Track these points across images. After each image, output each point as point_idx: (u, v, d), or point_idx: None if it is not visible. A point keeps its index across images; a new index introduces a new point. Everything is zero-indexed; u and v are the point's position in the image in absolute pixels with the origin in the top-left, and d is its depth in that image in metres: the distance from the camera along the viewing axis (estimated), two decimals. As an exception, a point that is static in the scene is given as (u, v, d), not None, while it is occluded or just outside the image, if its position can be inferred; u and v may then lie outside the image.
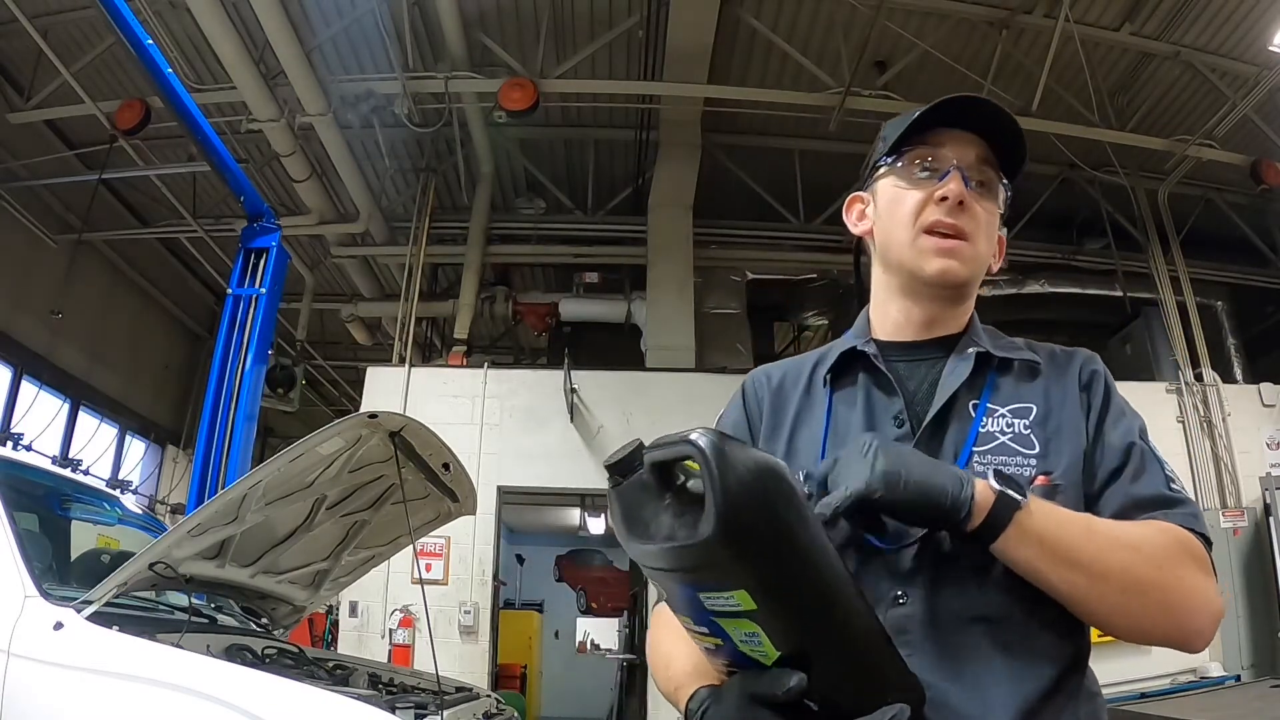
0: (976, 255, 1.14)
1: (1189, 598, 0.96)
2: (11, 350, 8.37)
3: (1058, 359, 1.16)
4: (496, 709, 3.24)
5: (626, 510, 0.85)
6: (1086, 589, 0.94)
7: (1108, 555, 0.94)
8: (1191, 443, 7.37)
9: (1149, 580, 0.94)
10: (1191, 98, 7.95)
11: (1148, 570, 0.94)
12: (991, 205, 1.16)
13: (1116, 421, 1.10)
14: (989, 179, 1.16)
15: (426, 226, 8.27)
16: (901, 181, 1.17)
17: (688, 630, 0.91)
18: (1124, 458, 1.06)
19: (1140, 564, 0.94)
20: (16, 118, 7.61)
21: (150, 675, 2.30)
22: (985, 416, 1.08)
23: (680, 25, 6.71)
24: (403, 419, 2.96)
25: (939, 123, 1.17)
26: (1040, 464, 1.04)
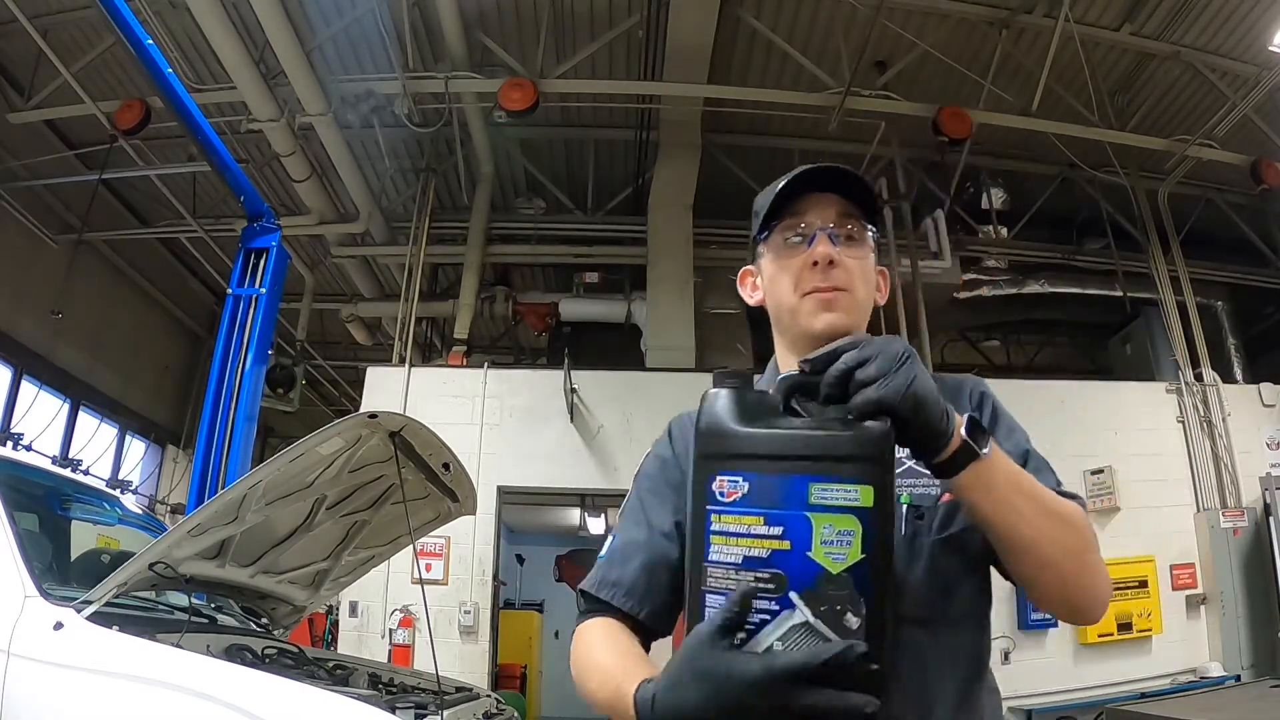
0: (856, 303, 1.26)
1: (1097, 576, 1.09)
2: (11, 350, 8.37)
3: (948, 387, 1.27)
4: (496, 709, 3.24)
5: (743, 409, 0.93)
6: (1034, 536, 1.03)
7: (1051, 510, 1.05)
8: (1191, 443, 7.37)
9: (1079, 545, 1.06)
10: (1191, 98, 7.95)
11: (1076, 536, 1.06)
12: (862, 252, 1.27)
13: (1010, 433, 1.24)
14: (853, 230, 1.26)
15: (426, 226, 8.27)
16: (778, 253, 1.29)
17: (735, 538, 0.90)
18: (1023, 460, 1.17)
19: (1073, 530, 1.06)
20: (16, 118, 7.61)
21: (150, 675, 2.30)
22: None
23: (680, 25, 6.71)
24: (403, 419, 2.96)
25: (800, 191, 1.27)
26: (943, 483, 1.10)
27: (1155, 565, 6.83)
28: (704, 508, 0.92)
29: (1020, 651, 6.55)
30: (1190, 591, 6.91)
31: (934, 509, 1.16)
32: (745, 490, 0.90)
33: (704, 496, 0.93)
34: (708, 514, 0.92)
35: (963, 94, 7.44)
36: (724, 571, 0.90)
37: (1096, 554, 1.09)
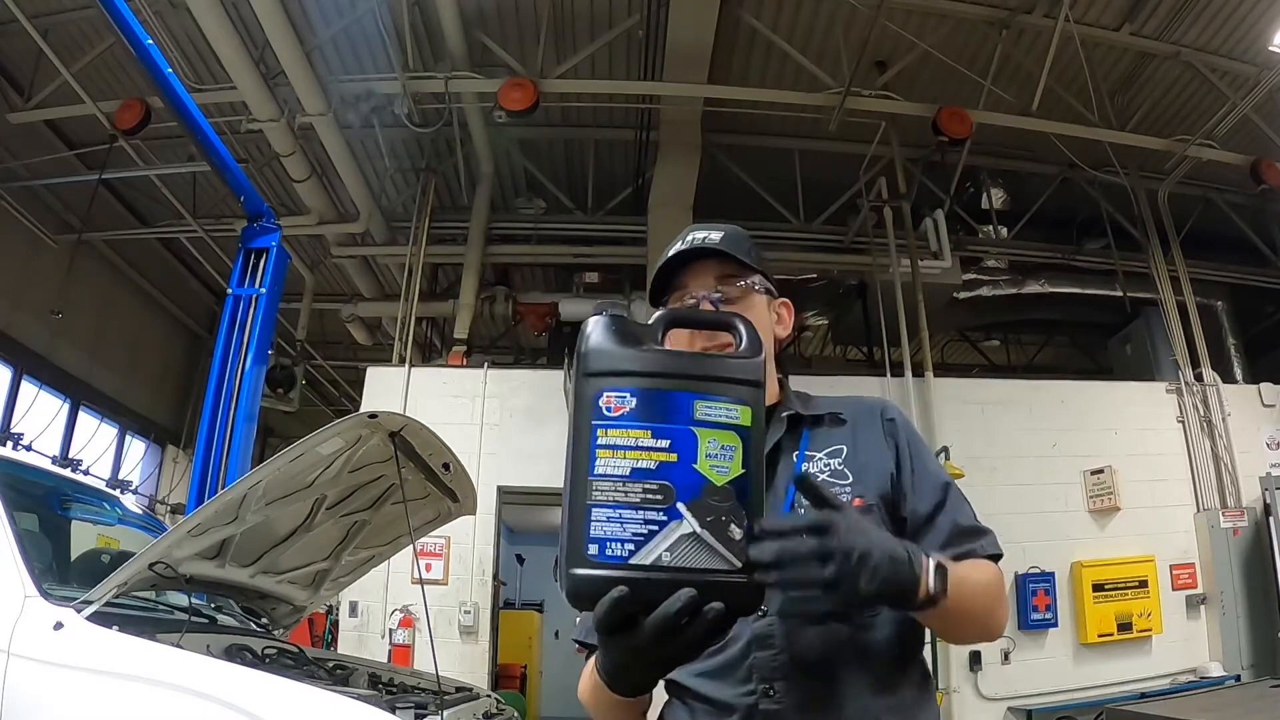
0: None
1: (1003, 618, 1.30)
2: (11, 350, 8.37)
3: (863, 408, 1.41)
4: (496, 709, 3.24)
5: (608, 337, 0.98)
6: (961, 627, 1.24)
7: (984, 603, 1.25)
8: (1191, 443, 7.37)
9: (997, 613, 1.28)
10: (1191, 98, 7.95)
11: (997, 606, 1.28)
12: (744, 305, 1.37)
13: (926, 462, 1.37)
14: (731, 289, 1.38)
15: (426, 226, 8.27)
16: None
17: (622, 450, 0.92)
18: (943, 494, 1.33)
19: (995, 603, 1.28)
20: (16, 118, 7.61)
21: (150, 675, 2.30)
22: (805, 462, 1.34)
23: (680, 25, 6.71)
24: (403, 419, 2.96)
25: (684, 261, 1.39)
26: (854, 490, 1.29)
27: (1155, 565, 6.83)
28: (590, 422, 0.93)
29: (1020, 651, 6.55)
30: (1190, 591, 6.91)
31: None
32: (632, 405, 0.93)
33: (590, 411, 0.93)
34: (594, 428, 0.93)
35: (963, 94, 7.44)
36: (611, 484, 0.91)
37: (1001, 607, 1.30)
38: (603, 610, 0.89)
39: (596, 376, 0.95)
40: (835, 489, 1.24)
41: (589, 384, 0.95)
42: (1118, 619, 6.62)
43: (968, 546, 1.28)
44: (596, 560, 0.90)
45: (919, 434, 1.42)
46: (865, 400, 1.44)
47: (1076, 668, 6.59)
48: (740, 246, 1.40)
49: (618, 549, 0.90)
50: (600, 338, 0.98)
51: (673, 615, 0.88)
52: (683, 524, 0.90)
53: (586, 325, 1.00)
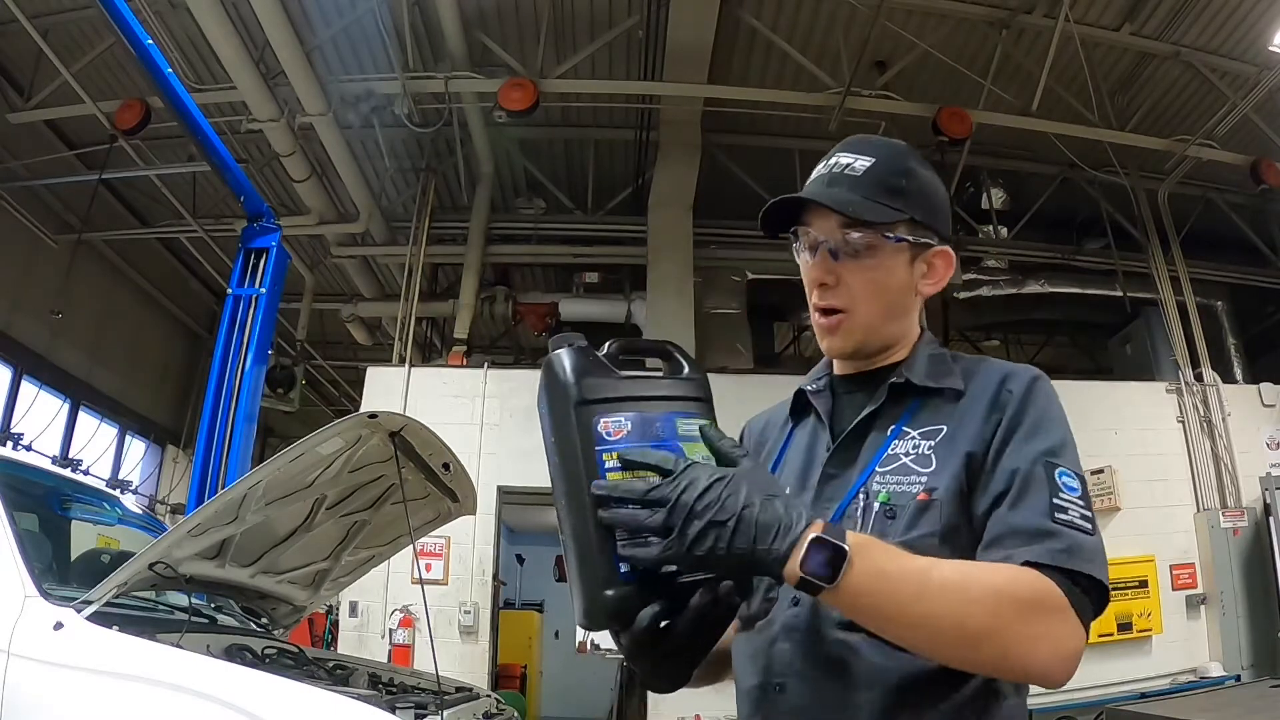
0: (857, 324, 1.19)
1: (1030, 647, 0.95)
2: (11, 350, 8.37)
3: (986, 378, 1.16)
4: (496, 709, 3.24)
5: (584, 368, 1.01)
6: (915, 642, 0.97)
7: (940, 611, 0.94)
8: (1191, 443, 7.38)
9: (984, 631, 0.94)
10: (1191, 98, 7.95)
11: (985, 622, 0.94)
12: (872, 260, 1.17)
13: (1022, 442, 1.08)
14: (860, 239, 1.16)
15: (426, 226, 8.27)
16: (799, 260, 1.25)
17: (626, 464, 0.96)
18: (1008, 482, 1.05)
19: (978, 616, 0.94)
20: (16, 118, 7.61)
21: (150, 675, 2.30)
22: (897, 439, 1.14)
23: (680, 25, 6.71)
24: (403, 419, 2.96)
25: None
26: (929, 480, 1.09)
27: (1155, 565, 6.83)
28: (593, 448, 0.96)
29: (1020, 651, 6.55)
30: (1190, 591, 6.91)
31: (906, 508, 1.08)
32: (628, 429, 0.98)
33: (592, 439, 0.97)
34: (599, 454, 0.96)
35: (963, 94, 7.44)
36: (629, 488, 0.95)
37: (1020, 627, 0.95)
38: (643, 624, 0.93)
39: (590, 405, 0.98)
40: (910, 479, 1.10)
41: (584, 412, 0.97)
42: (1118, 619, 6.62)
43: (1005, 552, 1.01)
44: (630, 579, 0.93)
45: (1042, 406, 1.12)
46: (998, 367, 1.17)
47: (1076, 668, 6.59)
48: (884, 184, 1.16)
49: None
50: (581, 369, 1.01)
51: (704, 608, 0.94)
52: None
53: (561, 358, 1.02)
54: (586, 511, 0.94)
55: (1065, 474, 1.06)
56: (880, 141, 1.24)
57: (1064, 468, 1.06)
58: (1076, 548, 1.00)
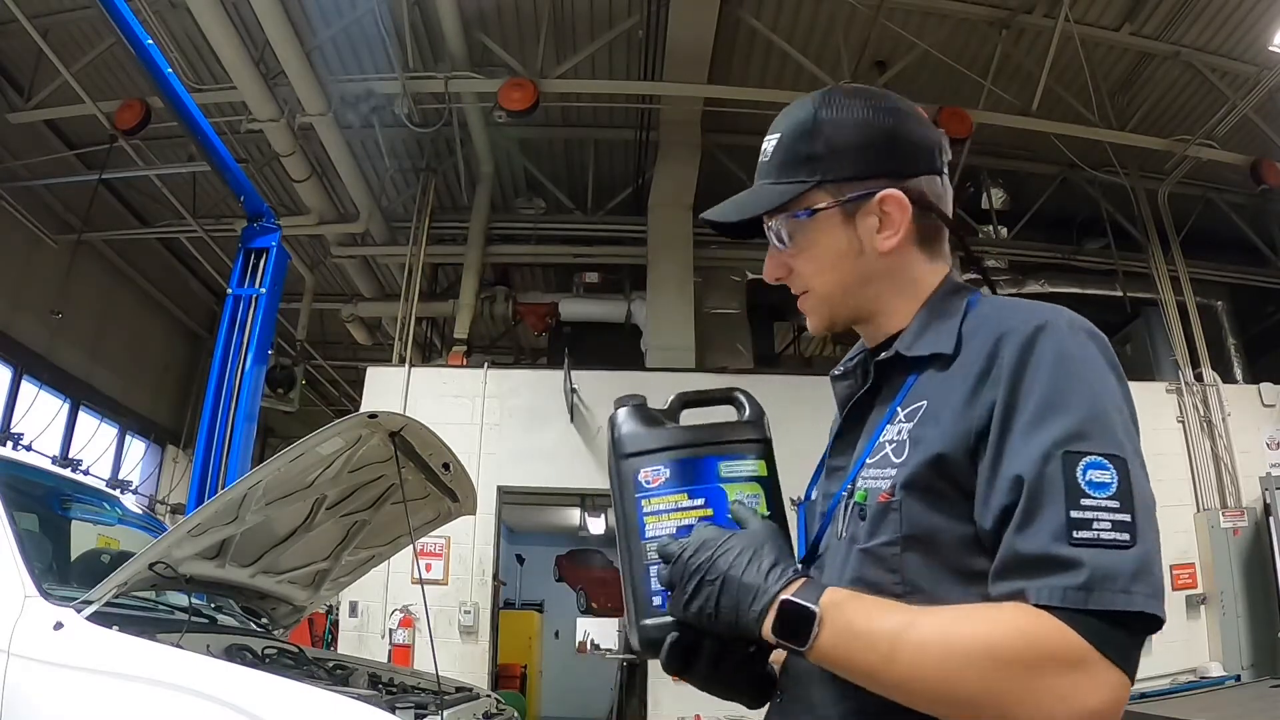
0: (819, 300, 1.12)
1: (1036, 706, 0.80)
2: (11, 350, 8.37)
3: (987, 337, 0.94)
4: (496, 709, 3.24)
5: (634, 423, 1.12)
6: (910, 704, 0.86)
7: (918, 675, 0.84)
8: (1191, 443, 7.38)
9: (975, 697, 0.82)
10: (1191, 98, 7.95)
11: (974, 687, 0.82)
12: (805, 239, 1.09)
13: (1026, 433, 0.87)
14: (785, 223, 1.09)
15: (426, 226, 8.27)
16: None
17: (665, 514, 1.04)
18: (1013, 494, 0.85)
19: (965, 681, 0.82)
20: (16, 118, 7.61)
21: (150, 675, 2.30)
22: (889, 424, 1.00)
23: (680, 25, 6.71)
24: (403, 419, 2.96)
25: None
26: (898, 474, 0.94)
27: (1155, 565, 6.83)
28: (634, 496, 1.07)
29: (1020, 651, 6.55)
30: (1190, 591, 6.90)
31: (872, 508, 0.97)
32: (666, 475, 1.06)
33: (633, 488, 1.07)
34: (638, 500, 1.06)
35: (963, 94, 7.44)
36: (661, 543, 1.04)
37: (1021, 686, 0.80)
38: (665, 653, 0.99)
39: (631, 457, 1.09)
40: (886, 473, 0.96)
41: (627, 465, 1.09)
42: (1118, 619, 6.62)
43: (1013, 587, 0.83)
44: (662, 610, 1.02)
45: (1057, 369, 0.89)
46: (1004, 323, 0.94)
47: (1116, 714, 6.58)
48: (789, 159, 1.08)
49: None
50: (629, 425, 1.12)
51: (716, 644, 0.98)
52: None
53: (616, 416, 1.13)
54: (631, 551, 1.06)
55: (1094, 464, 0.84)
56: (791, 107, 1.12)
57: (1092, 456, 0.84)
58: (1102, 577, 0.80)
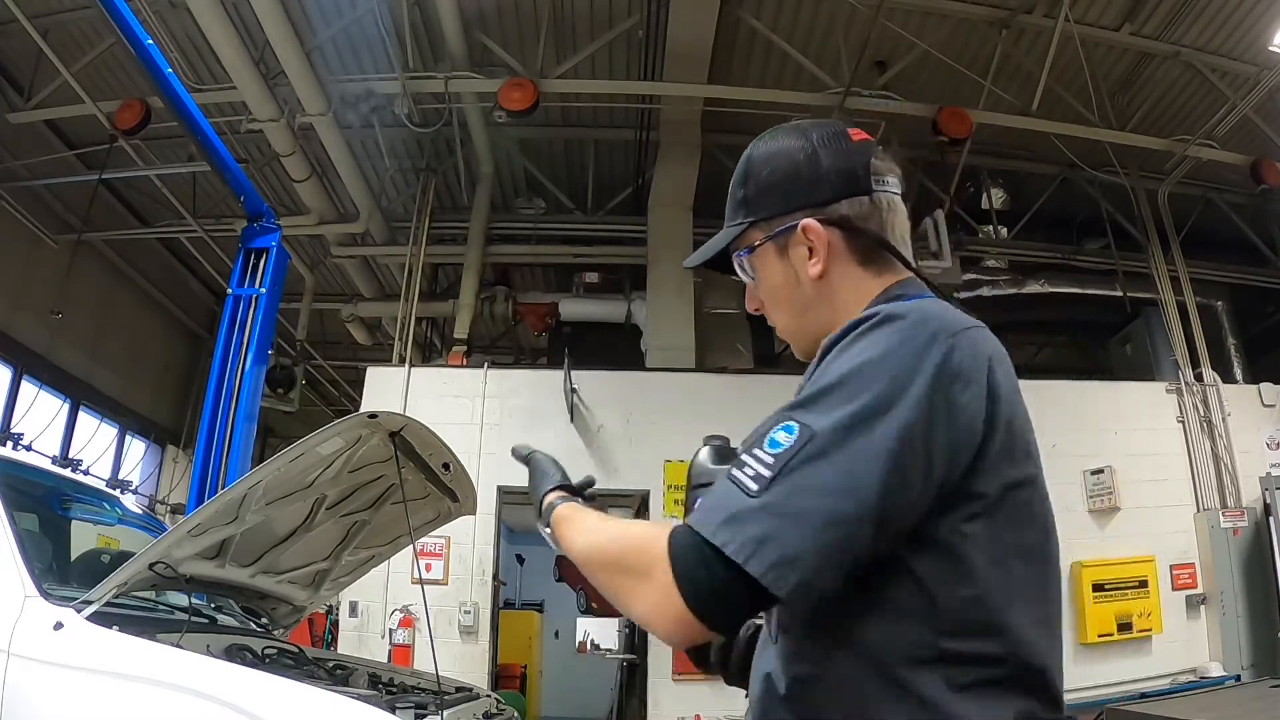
0: (786, 329, 1.24)
1: (624, 600, 1.03)
2: (11, 350, 8.37)
3: None
4: (496, 709, 3.24)
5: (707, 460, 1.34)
6: (597, 585, 1.10)
7: (578, 551, 1.14)
8: (1191, 443, 7.37)
9: (600, 582, 1.07)
10: (1191, 98, 7.95)
11: (596, 574, 1.08)
12: (759, 275, 1.23)
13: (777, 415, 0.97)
14: (743, 263, 1.25)
15: (426, 226, 8.27)
16: None
17: None
18: None
19: (593, 565, 1.09)
20: (16, 118, 7.61)
21: (150, 675, 2.30)
22: None
23: (680, 25, 6.71)
24: (403, 419, 2.96)
25: None
26: None
27: (1155, 565, 6.83)
28: None
29: (1020, 651, 6.55)
30: (1190, 591, 6.91)
31: None
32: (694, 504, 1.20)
33: None
34: None
35: (963, 94, 7.44)
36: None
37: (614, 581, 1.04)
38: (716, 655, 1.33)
39: (697, 488, 1.29)
40: None
41: (693, 495, 1.30)
42: (1118, 619, 6.62)
43: None
44: None
45: (846, 355, 0.96)
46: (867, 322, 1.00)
47: (1076, 668, 6.58)
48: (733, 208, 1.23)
49: None
50: (703, 459, 1.34)
51: None
52: None
53: (696, 454, 1.35)
54: None
55: (787, 427, 0.93)
56: (742, 157, 1.24)
57: (792, 421, 0.93)
58: (711, 507, 0.94)
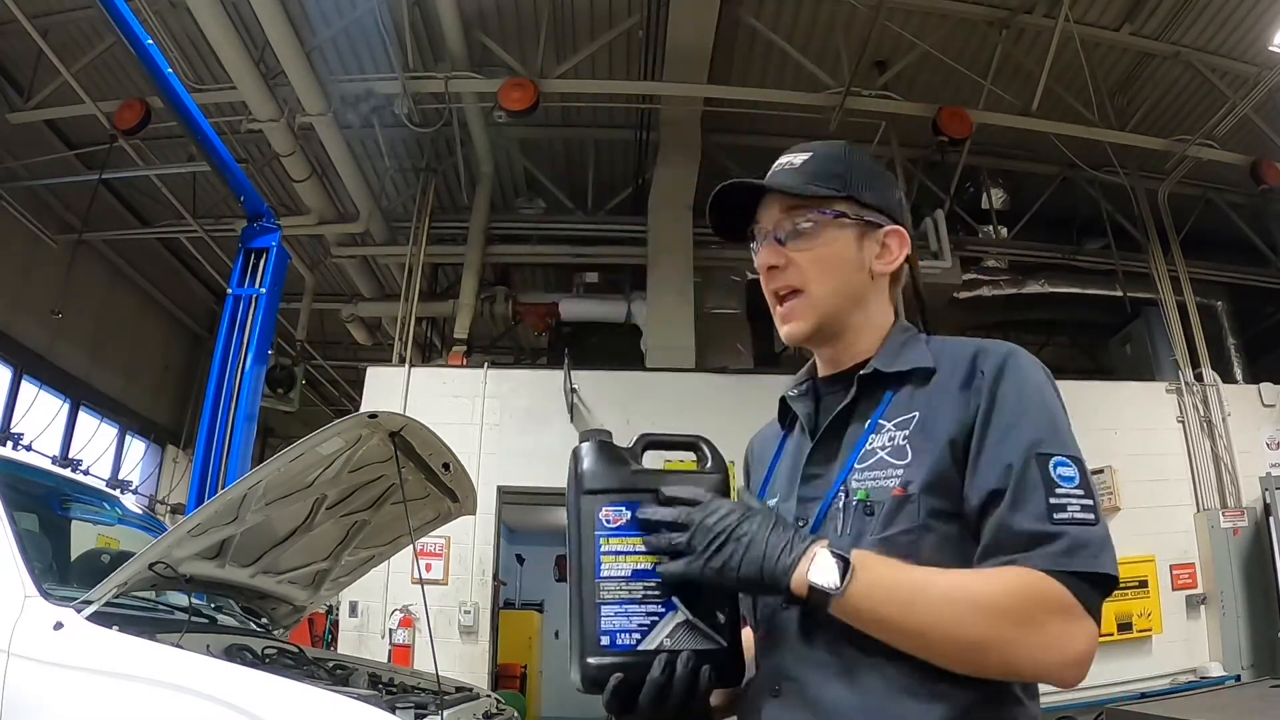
0: (814, 301, 1.20)
1: (1036, 653, 0.97)
2: (11, 350, 8.37)
3: (956, 357, 1.14)
4: (496, 709, 3.24)
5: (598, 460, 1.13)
6: (923, 651, 0.99)
7: (934, 621, 0.98)
8: (1191, 443, 7.37)
9: (988, 640, 0.97)
10: (1191, 98, 7.95)
11: (986, 630, 0.96)
12: (813, 243, 1.19)
13: (1005, 432, 1.05)
14: (801, 222, 1.19)
15: (426, 226, 8.27)
16: (755, 261, 1.26)
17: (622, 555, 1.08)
18: (1003, 480, 1.02)
19: (975, 626, 0.96)
20: (16, 118, 7.60)
21: (150, 675, 2.30)
22: (873, 434, 1.13)
23: (680, 25, 6.71)
24: (403, 419, 2.96)
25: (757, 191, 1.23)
26: (905, 474, 1.07)
27: (1155, 565, 6.83)
28: (594, 534, 1.08)
29: (1020, 651, 6.55)
30: (1190, 591, 6.91)
31: (883, 505, 1.07)
32: (627, 517, 1.09)
33: (593, 524, 1.09)
34: (597, 539, 1.08)
35: (963, 94, 7.44)
36: (615, 584, 1.07)
37: (1019, 633, 0.96)
38: (608, 694, 1.04)
39: (594, 494, 1.10)
40: (886, 473, 1.08)
41: (589, 501, 1.10)
42: (1118, 619, 6.62)
43: (1009, 557, 0.99)
44: (609, 649, 1.05)
45: (1021, 386, 1.09)
46: (967, 344, 1.16)
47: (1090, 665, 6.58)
48: (821, 170, 1.20)
49: (626, 638, 1.06)
50: (594, 461, 1.13)
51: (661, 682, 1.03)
52: (678, 613, 1.07)
53: (581, 450, 1.14)
54: (582, 588, 1.07)
55: (1061, 463, 1.03)
56: (820, 142, 1.27)
57: (1059, 456, 1.04)
58: (1079, 545, 0.98)
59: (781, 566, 1.01)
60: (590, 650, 1.05)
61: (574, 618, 1.08)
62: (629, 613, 1.06)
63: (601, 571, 1.07)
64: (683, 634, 1.07)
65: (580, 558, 1.08)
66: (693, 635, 1.07)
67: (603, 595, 1.06)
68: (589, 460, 1.13)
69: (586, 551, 1.08)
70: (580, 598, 1.07)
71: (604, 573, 1.07)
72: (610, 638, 1.05)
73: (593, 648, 1.04)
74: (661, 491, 1.09)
